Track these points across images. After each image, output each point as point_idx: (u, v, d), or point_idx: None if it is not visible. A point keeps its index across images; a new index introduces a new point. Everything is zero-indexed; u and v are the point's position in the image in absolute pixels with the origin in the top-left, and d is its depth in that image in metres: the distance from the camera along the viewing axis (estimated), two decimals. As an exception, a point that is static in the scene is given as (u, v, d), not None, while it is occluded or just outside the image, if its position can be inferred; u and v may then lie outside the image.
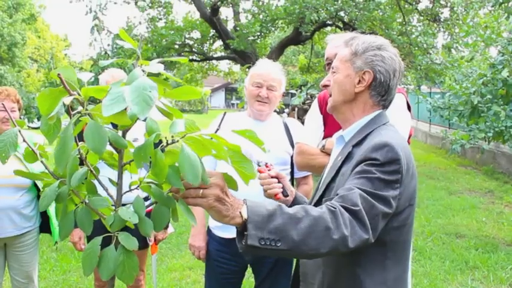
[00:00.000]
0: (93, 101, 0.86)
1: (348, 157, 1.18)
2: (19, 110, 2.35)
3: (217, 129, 0.93)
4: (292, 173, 2.04)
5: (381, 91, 1.20)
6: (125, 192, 0.93)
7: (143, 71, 0.81)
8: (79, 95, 0.80)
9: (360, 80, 1.19)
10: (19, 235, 2.31)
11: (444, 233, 4.71)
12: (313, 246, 0.95)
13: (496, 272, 3.67)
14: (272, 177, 1.37)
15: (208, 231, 2.05)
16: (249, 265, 2.05)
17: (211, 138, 0.87)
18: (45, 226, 2.44)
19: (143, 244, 2.36)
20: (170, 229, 2.59)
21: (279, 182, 1.37)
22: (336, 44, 1.64)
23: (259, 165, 1.42)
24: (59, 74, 0.77)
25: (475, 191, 6.85)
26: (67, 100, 0.77)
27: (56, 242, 2.52)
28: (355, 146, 1.18)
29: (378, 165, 1.07)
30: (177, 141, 0.85)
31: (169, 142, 0.86)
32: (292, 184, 2.05)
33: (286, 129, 2.04)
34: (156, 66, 0.85)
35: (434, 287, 3.47)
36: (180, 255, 4.09)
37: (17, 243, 2.34)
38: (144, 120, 0.85)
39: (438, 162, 9.51)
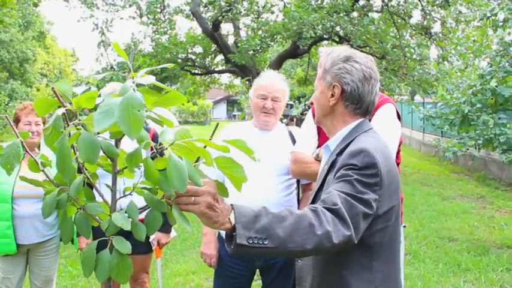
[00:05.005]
0: (90, 110, 0.91)
1: (332, 165, 1.21)
2: (43, 123, 2.40)
3: (210, 139, 0.96)
4: (298, 179, 2.06)
5: (353, 100, 1.24)
6: (119, 198, 0.95)
7: (133, 82, 0.84)
8: (71, 105, 0.83)
9: (332, 94, 1.25)
10: (42, 242, 2.39)
11: (437, 237, 4.79)
12: (299, 242, 0.97)
13: (487, 274, 3.75)
14: None
15: (219, 236, 2.06)
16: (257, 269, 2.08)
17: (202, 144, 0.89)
18: None
19: (147, 248, 2.44)
20: (173, 233, 2.61)
21: None
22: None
23: None
24: (52, 88, 0.82)
25: (467, 196, 6.91)
26: (60, 111, 0.81)
27: (78, 249, 2.54)
28: (338, 154, 1.21)
29: (355, 169, 1.10)
30: (166, 148, 0.87)
31: (158, 150, 0.89)
32: (298, 190, 2.11)
33: (291, 138, 2.06)
34: (146, 78, 0.87)
35: (428, 289, 3.55)
36: (184, 260, 4.18)
37: (40, 249, 2.42)
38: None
39: (432, 169, 9.58)
